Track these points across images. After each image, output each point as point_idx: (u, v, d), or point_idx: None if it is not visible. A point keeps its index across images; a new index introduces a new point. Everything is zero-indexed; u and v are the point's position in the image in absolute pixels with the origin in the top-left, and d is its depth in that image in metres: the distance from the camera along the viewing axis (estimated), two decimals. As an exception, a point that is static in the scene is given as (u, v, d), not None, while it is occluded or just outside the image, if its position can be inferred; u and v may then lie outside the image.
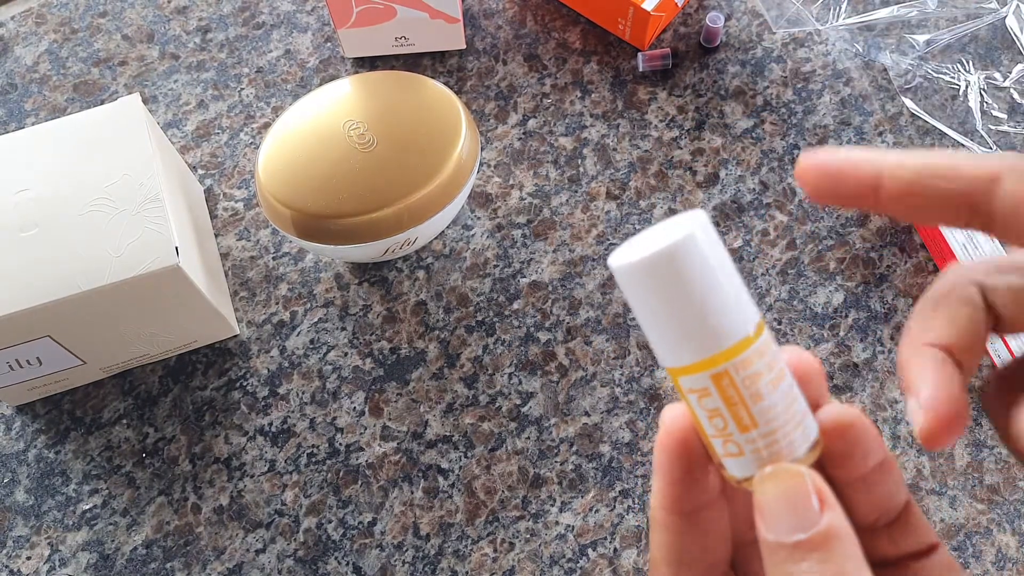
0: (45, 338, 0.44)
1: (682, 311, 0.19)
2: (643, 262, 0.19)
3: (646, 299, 0.20)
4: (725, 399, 0.20)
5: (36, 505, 0.48)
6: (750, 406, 0.20)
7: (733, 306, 0.20)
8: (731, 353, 0.20)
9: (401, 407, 0.50)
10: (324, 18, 0.61)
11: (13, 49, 0.61)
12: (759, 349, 0.20)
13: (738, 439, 0.20)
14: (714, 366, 0.20)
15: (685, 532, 0.21)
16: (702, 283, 0.19)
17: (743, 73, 0.59)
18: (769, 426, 0.20)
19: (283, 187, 0.46)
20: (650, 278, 0.19)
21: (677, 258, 0.19)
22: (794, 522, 0.19)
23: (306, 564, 0.46)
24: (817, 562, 0.18)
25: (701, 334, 0.20)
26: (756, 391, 0.20)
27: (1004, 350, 0.48)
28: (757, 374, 0.20)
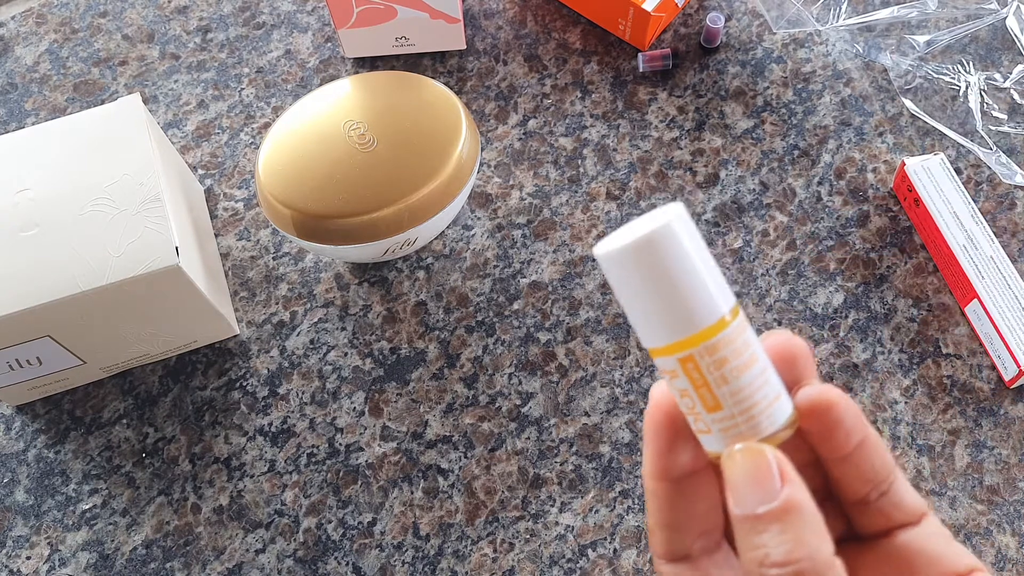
0: (45, 338, 0.44)
1: (655, 297, 0.21)
2: (621, 250, 0.21)
3: (625, 284, 0.21)
4: (691, 381, 0.21)
5: (36, 505, 0.48)
6: (714, 389, 0.21)
7: (703, 295, 0.21)
8: (697, 339, 0.21)
9: (401, 407, 0.50)
10: (324, 18, 0.61)
11: (13, 49, 0.61)
12: (727, 337, 0.21)
13: (705, 419, 0.22)
14: (681, 350, 0.21)
15: (674, 498, 0.23)
16: (674, 272, 0.21)
17: (743, 73, 0.59)
18: (735, 408, 0.21)
19: (283, 187, 0.46)
20: (628, 265, 0.21)
21: (651, 247, 0.20)
22: (757, 496, 0.20)
23: (306, 564, 0.46)
24: (778, 532, 0.20)
25: (671, 319, 0.21)
26: (721, 375, 0.21)
27: (1004, 350, 0.48)
28: (723, 360, 0.21)
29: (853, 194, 0.55)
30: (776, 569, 0.19)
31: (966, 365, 0.50)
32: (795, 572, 0.19)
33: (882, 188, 0.55)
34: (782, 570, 0.19)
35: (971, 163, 0.56)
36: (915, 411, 0.49)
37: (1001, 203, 0.54)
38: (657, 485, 0.23)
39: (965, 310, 0.51)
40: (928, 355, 0.50)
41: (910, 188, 0.53)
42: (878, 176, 0.55)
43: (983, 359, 0.50)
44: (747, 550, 0.20)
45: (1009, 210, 0.54)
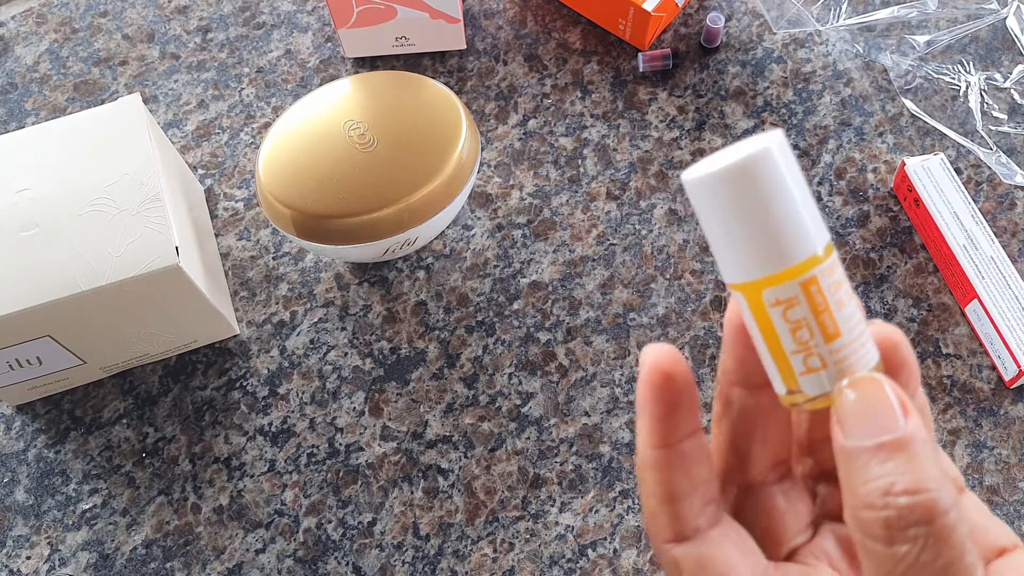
0: (45, 338, 0.44)
1: (769, 220, 0.19)
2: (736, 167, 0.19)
3: (730, 211, 0.20)
4: (813, 307, 0.20)
5: (36, 505, 0.48)
6: (835, 313, 0.20)
7: (812, 218, 0.20)
8: (816, 260, 0.20)
9: (401, 407, 0.50)
10: (324, 18, 0.61)
11: (13, 49, 0.61)
12: (835, 258, 0.20)
13: (823, 350, 0.20)
14: (803, 272, 0.20)
15: (674, 465, 0.22)
16: (786, 194, 0.19)
17: (743, 73, 0.59)
18: (851, 334, 0.20)
19: (283, 187, 0.46)
20: (731, 189, 0.19)
21: (759, 167, 0.19)
22: (877, 427, 0.19)
23: (306, 564, 0.46)
24: (905, 461, 0.19)
25: (789, 242, 0.20)
26: (840, 298, 0.20)
27: (1004, 350, 0.48)
28: (839, 282, 0.20)
29: (853, 194, 0.55)
30: (906, 497, 0.18)
31: (966, 365, 0.50)
32: (927, 500, 0.18)
33: (882, 188, 0.55)
34: (913, 498, 0.18)
35: (971, 163, 0.56)
36: (915, 411, 0.49)
37: (1001, 203, 0.54)
38: (656, 454, 0.22)
39: (965, 310, 0.51)
40: (928, 355, 0.50)
41: (910, 188, 0.53)
42: (878, 176, 0.55)
43: (983, 359, 0.50)
44: (864, 482, 0.19)
45: (1009, 210, 0.54)
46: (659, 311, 0.52)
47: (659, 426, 0.22)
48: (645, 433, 0.22)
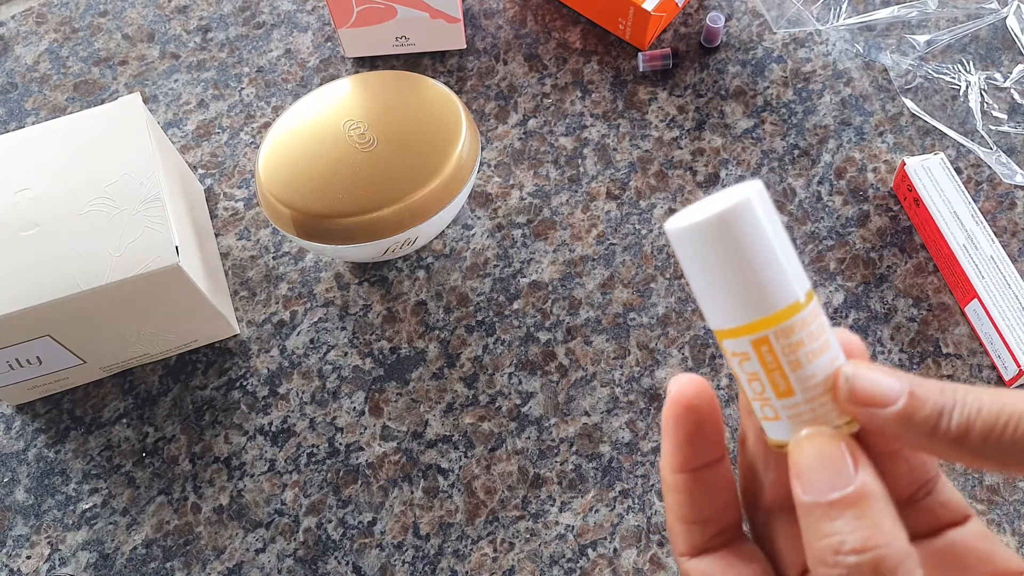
0: (45, 337, 0.44)
1: (730, 275, 0.20)
2: (697, 225, 0.20)
3: (698, 262, 0.20)
4: (764, 365, 0.21)
5: (36, 504, 0.48)
6: (788, 374, 0.20)
7: (779, 275, 0.20)
8: (772, 321, 0.20)
9: (401, 407, 0.50)
10: (324, 18, 0.61)
11: (13, 48, 0.61)
12: (803, 319, 0.20)
13: (775, 404, 0.21)
14: (755, 332, 0.20)
15: (693, 490, 0.22)
16: (751, 250, 0.20)
17: (743, 73, 0.59)
18: (807, 394, 0.21)
19: (283, 187, 0.46)
20: (703, 241, 0.20)
21: (730, 223, 0.20)
22: (830, 482, 0.19)
23: (306, 564, 0.46)
24: (853, 518, 0.19)
25: (745, 299, 0.20)
26: (795, 359, 0.20)
27: (1004, 349, 0.48)
28: (798, 343, 0.20)
29: (853, 194, 0.55)
30: (854, 556, 0.19)
31: (966, 365, 0.50)
32: (874, 559, 0.19)
33: (882, 188, 0.55)
34: (860, 557, 0.19)
35: (971, 163, 0.56)
36: (915, 411, 0.49)
37: (1001, 203, 0.54)
38: (676, 478, 0.22)
39: (965, 310, 0.51)
40: (928, 355, 0.50)
41: (910, 188, 0.53)
42: (878, 176, 0.55)
43: (983, 359, 0.50)
44: (817, 538, 0.19)
45: (1009, 210, 0.54)
46: (659, 311, 0.52)
47: (679, 452, 0.22)
48: (666, 457, 0.23)
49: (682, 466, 0.22)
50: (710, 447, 0.22)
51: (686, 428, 0.22)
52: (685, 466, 0.22)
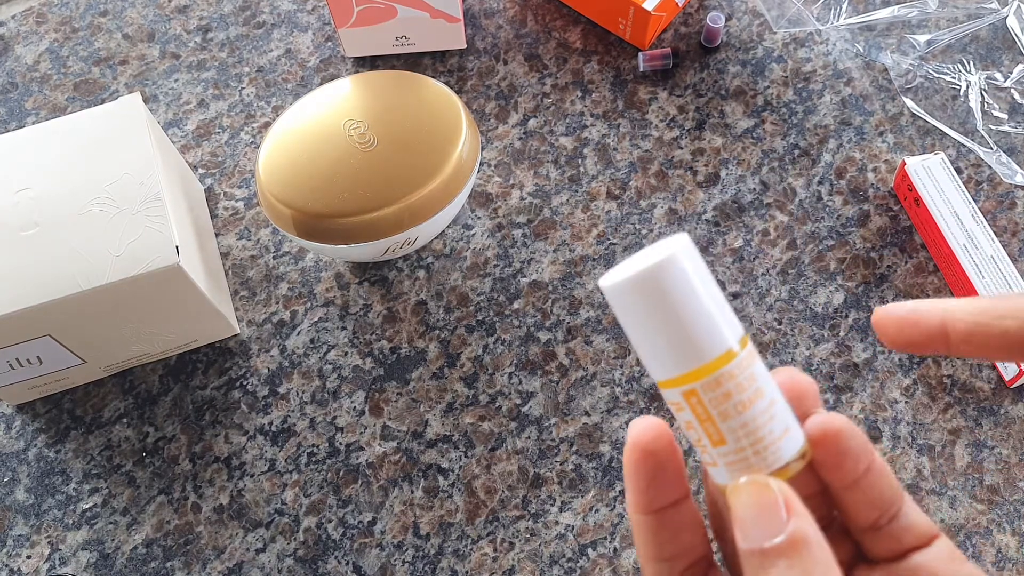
0: (45, 337, 0.44)
1: (658, 329, 0.21)
2: (625, 282, 0.21)
3: (630, 316, 0.21)
4: (696, 415, 0.21)
5: (36, 504, 0.48)
6: (719, 424, 0.21)
7: (707, 328, 0.21)
8: (700, 373, 0.21)
9: (401, 407, 0.50)
10: (325, 17, 0.61)
11: (14, 48, 0.61)
12: (731, 371, 0.21)
13: (711, 452, 0.22)
14: (684, 384, 0.21)
15: (658, 530, 0.23)
16: (677, 304, 0.20)
17: (744, 73, 0.59)
18: (740, 443, 0.21)
19: (283, 186, 0.46)
20: (632, 297, 0.21)
21: (654, 279, 0.20)
22: (764, 530, 0.20)
23: (306, 563, 0.46)
24: (785, 567, 0.19)
25: (674, 353, 0.21)
26: (725, 410, 0.21)
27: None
28: (726, 394, 0.21)
29: (853, 194, 0.55)
30: None
31: (966, 365, 0.50)
32: None
33: (882, 188, 0.55)
34: None
35: (971, 163, 0.56)
36: (915, 411, 0.49)
37: (1001, 203, 0.54)
38: (641, 519, 0.23)
39: (965, 310, 0.51)
40: (928, 355, 0.50)
41: (910, 188, 0.53)
42: (878, 176, 0.55)
43: (983, 359, 0.50)
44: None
45: (1009, 210, 0.54)
46: (659, 311, 0.51)
47: (642, 495, 0.23)
48: (630, 499, 0.23)
49: (646, 508, 0.23)
50: (671, 488, 0.23)
51: (646, 472, 0.22)
52: (649, 508, 0.23)
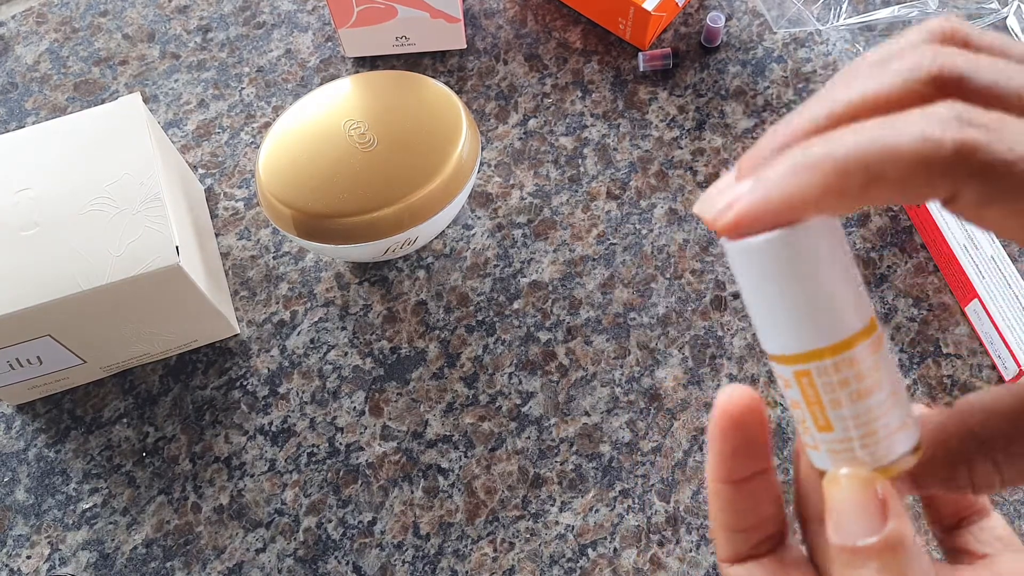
0: (45, 337, 0.44)
1: (781, 301, 0.19)
2: (759, 243, 0.19)
3: (751, 280, 0.20)
4: (805, 397, 0.20)
5: (36, 504, 0.48)
6: (828, 411, 0.20)
7: (834, 307, 0.19)
8: (818, 355, 0.19)
9: (401, 407, 0.50)
10: (325, 17, 0.61)
11: (14, 48, 0.61)
12: (852, 357, 0.19)
13: (814, 435, 0.20)
14: (796, 363, 0.20)
15: (737, 500, 0.22)
16: (808, 277, 0.19)
17: (744, 73, 0.59)
18: (848, 433, 0.20)
19: (284, 187, 0.46)
20: (759, 260, 0.19)
21: (790, 245, 0.19)
22: (858, 527, 0.19)
23: (306, 563, 0.46)
24: (876, 569, 0.19)
25: (794, 329, 0.19)
26: (837, 398, 0.20)
27: (1004, 349, 0.48)
28: (843, 382, 0.19)
29: (853, 194, 0.55)
30: None
31: (966, 365, 0.50)
32: None
33: (882, 188, 0.55)
34: None
35: (971, 163, 0.56)
36: (915, 411, 0.49)
37: (1001, 203, 0.54)
38: (720, 487, 0.22)
39: (965, 310, 0.51)
40: (928, 355, 0.50)
41: (910, 188, 0.52)
42: (878, 176, 0.55)
43: (983, 359, 0.50)
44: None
45: (1009, 210, 0.54)
46: (659, 311, 0.52)
47: (724, 464, 0.22)
48: (711, 467, 0.22)
49: (727, 477, 0.22)
50: (756, 459, 0.22)
51: (732, 442, 0.22)
52: (730, 477, 0.22)
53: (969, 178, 0.17)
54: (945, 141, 0.17)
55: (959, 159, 0.17)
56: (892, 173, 0.17)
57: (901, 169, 0.17)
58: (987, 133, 0.17)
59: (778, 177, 0.18)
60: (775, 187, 0.18)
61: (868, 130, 0.17)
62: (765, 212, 0.18)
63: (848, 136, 0.18)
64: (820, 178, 0.17)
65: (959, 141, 0.17)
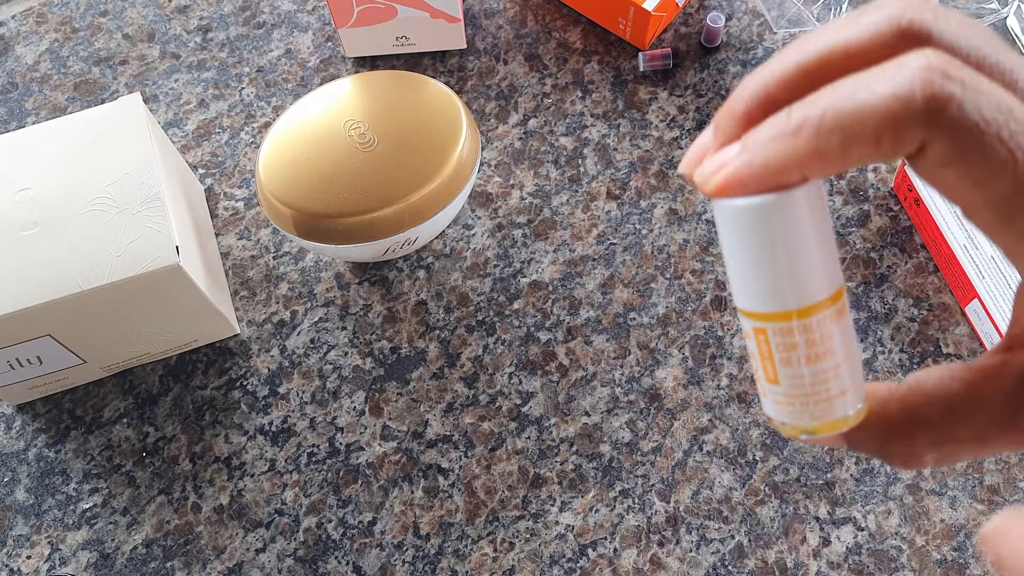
0: (45, 337, 0.44)
1: (749, 263, 0.20)
2: (743, 207, 0.20)
3: (730, 239, 0.21)
4: (760, 351, 0.22)
5: (36, 504, 0.48)
6: (778, 367, 0.21)
7: (795, 277, 0.20)
8: (773, 318, 0.21)
9: (401, 407, 0.50)
10: (325, 17, 0.61)
11: (14, 48, 0.61)
12: (806, 324, 0.21)
13: (763, 384, 0.22)
14: (756, 320, 0.21)
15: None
16: (779, 244, 0.20)
17: (744, 73, 0.59)
18: (791, 390, 0.22)
19: (284, 186, 0.46)
20: (739, 221, 0.20)
21: (766, 212, 0.19)
22: None
23: (306, 563, 0.46)
24: None
25: (757, 290, 0.21)
26: (787, 357, 0.21)
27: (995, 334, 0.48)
28: (793, 345, 0.21)
29: (853, 194, 0.55)
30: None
31: (966, 365, 0.50)
32: None
33: (882, 188, 0.55)
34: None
35: (971, 163, 0.55)
36: (915, 411, 0.49)
37: (1001, 203, 0.54)
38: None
39: (966, 310, 0.51)
40: (928, 355, 0.50)
41: (911, 188, 0.53)
42: (879, 176, 0.55)
43: (983, 359, 0.50)
44: None
45: (1009, 210, 0.54)
46: (659, 311, 0.52)
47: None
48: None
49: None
50: None
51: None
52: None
53: (937, 132, 0.17)
54: (917, 93, 0.17)
55: (930, 112, 0.17)
56: (868, 132, 0.17)
57: (875, 126, 0.17)
58: (961, 90, 0.17)
59: (763, 142, 0.18)
60: (760, 153, 0.18)
61: (842, 89, 0.18)
62: (751, 177, 0.19)
63: (824, 98, 0.18)
64: (802, 143, 0.18)
65: (931, 94, 0.17)
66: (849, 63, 0.18)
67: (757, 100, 0.19)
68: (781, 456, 0.48)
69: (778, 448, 0.48)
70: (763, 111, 0.19)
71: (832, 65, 0.19)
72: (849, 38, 0.18)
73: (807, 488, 0.47)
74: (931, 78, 0.17)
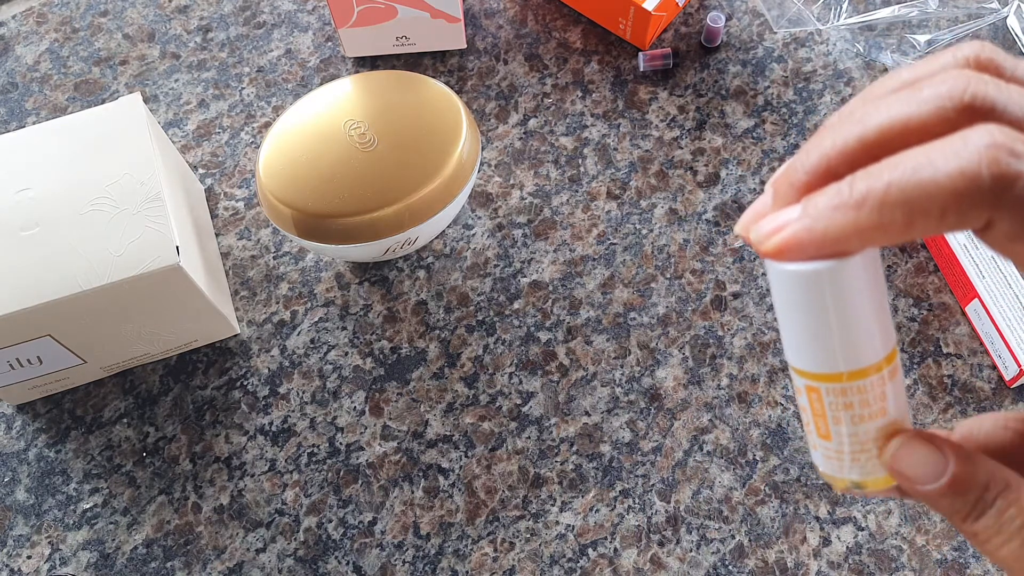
0: (46, 337, 0.44)
1: (803, 325, 0.21)
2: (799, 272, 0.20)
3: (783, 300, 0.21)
4: (812, 408, 0.22)
5: (37, 504, 0.48)
6: (830, 424, 0.22)
7: (849, 341, 0.20)
8: (827, 378, 0.21)
9: (401, 407, 0.50)
10: (325, 17, 0.61)
11: (14, 48, 0.61)
12: (860, 386, 0.21)
13: (814, 438, 0.23)
14: (809, 379, 0.22)
15: None
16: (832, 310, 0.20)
17: (744, 73, 0.59)
18: (841, 447, 0.22)
19: (284, 186, 0.46)
20: (794, 286, 0.20)
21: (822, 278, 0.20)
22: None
23: (306, 563, 0.46)
24: None
25: (812, 351, 0.21)
26: (838, 416, 0.22)
27: (1004, 349, 0.48)
28: (847, 405, 0.21)
29: (854, 194, 0.55)
30: None
31: (967, 365, 0.50)
32: None
33: (883, 188, 0.55)
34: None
35: (972, 163, 0.55)
36: (915, 411, 0.49)
37: (1002, 203, 0.54)
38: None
39: (966, 309, 0.51)
40: (928, 354, 0.50)
41: (911, 188, 0.52)
42: (879, 175, 0.55)
43: (984, 359, 0.50)
44: None
45: (1010, 210, 0.54)
46: (659, 310, 0.52)
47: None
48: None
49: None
50: None
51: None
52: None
53: (1005, 209, 0.17)
54: (983, 171, 0.17)
55: (997, 190, 0.17)
56: (933, 207, 0.17)
57: (941, 203, 0.17)
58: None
59: (825, 210, 0.18)
60: (820, 221, 0.19)
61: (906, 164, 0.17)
62: (810, 243, 0.19)
63: (888, 172, 0.18)
64: (865, 216, 0.18)
65: (998, 172, 0.17)
66: (909, 137, 0.18)
67: (818, 173, 0.19)
68: (781, 456, 0.48)
69: (778, 448, 0.48)
70: (822, 182, 0.20)
71: (892, 139, 0.19)
72: (911, 113, 0.18)
73: (807, 488, 0.47)
74: (997, 156, 0.17)
